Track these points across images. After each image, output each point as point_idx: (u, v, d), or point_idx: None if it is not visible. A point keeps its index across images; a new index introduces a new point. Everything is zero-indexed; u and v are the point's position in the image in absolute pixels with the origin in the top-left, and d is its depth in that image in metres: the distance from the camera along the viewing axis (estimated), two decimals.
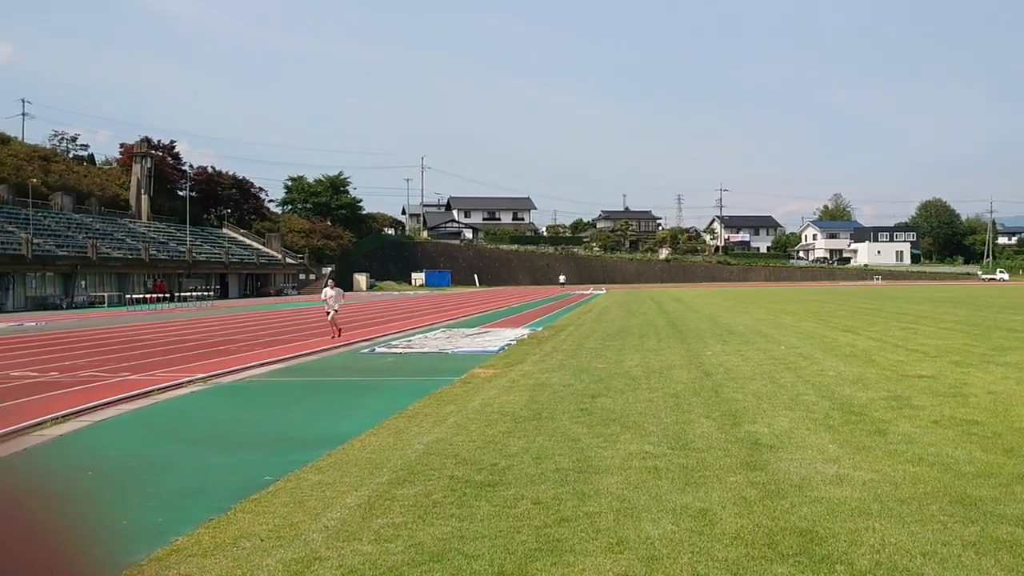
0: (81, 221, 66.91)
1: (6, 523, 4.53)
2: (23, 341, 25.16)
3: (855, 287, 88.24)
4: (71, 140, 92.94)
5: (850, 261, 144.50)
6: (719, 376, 13.91)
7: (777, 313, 34.30)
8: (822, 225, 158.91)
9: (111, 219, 72.61)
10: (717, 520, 5.92)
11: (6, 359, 19.31)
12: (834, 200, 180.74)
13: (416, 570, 5.01)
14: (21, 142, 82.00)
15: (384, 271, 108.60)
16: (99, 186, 78.90)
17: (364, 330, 28.52)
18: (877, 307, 38.59)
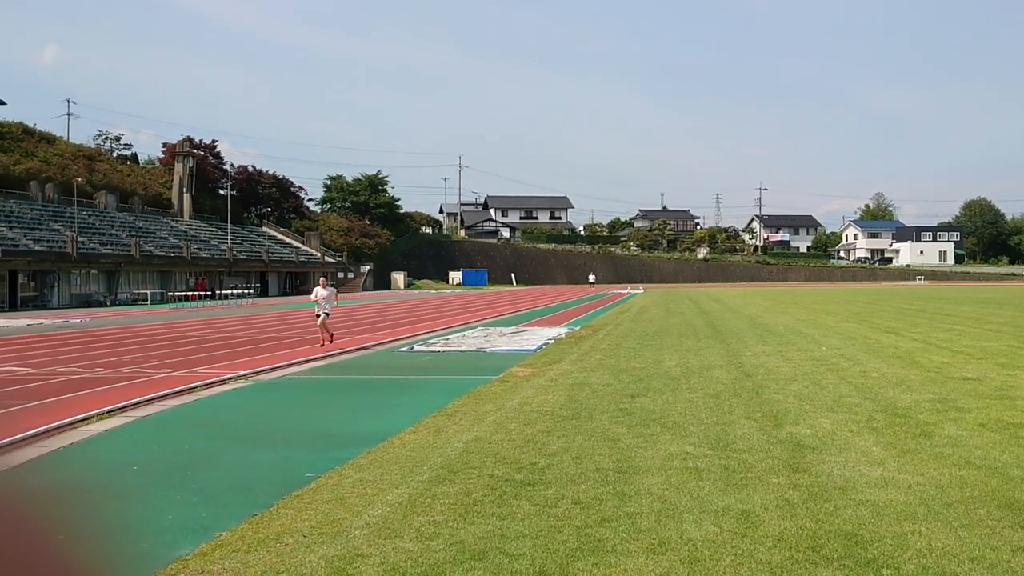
0: (125, 219, 67.95)
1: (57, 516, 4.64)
2: (68, 337, 25.59)
3: (897, 287, 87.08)
4: (115, 140, 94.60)
5: (892, 261, 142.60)
6: (760, 377, 13.80)
7: (818, 313, 33.94)
8: (863, 224, 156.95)
9: (154, 217, 73.65)
10: (760, 522, 5.87)
11: (52, 355, 19.65)
12: (876, 199, 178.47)
13: (458, 568, 5.02)
14: (67, 142, 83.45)
15: (422, 270, 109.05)
16: (142, 185, 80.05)
17: (401, 328, 28.66)
18: (920, 308, 38.06)
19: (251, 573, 5.00)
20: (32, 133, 76.52)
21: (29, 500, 7.05)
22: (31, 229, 54.81)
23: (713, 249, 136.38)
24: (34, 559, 5.57)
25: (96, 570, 5.31)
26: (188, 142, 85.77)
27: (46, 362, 17.93)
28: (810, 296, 57.03)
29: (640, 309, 39.98)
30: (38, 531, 6.12)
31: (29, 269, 51.13)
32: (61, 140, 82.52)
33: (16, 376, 15.48)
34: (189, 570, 5.10)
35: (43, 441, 9.39)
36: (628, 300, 53.24)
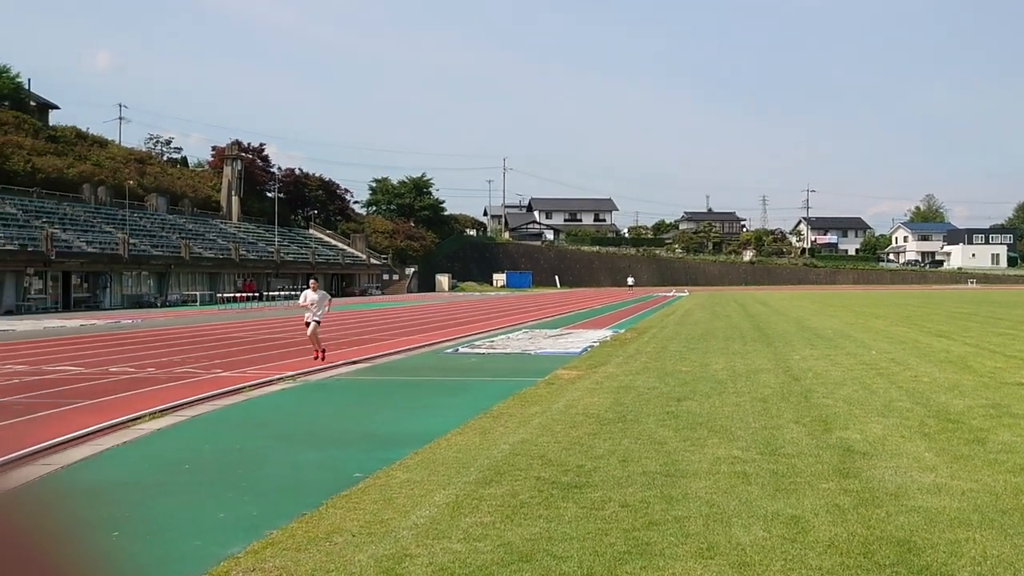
0: (175, 222, 69.05)
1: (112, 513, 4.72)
2: (120, 338, 26.07)
3: (948, 291, 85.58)
4: (165, 143, 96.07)
5: (943, 264, 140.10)
6: (808, 381, 13.64)
7: (867, 317, 33.48)
8: (913, 227, 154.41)
9: (203, 220, 74.75)
10: (810, 528, 5.81)
11: (105, 355, 20.03)
12: (926, 201, 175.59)
13: (505, 570, 5.04)
14: (118, 145, 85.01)
15: (466, 272, 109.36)
16: (192, 188, 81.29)
17: (446, 330, 28.77)
18: (972, 311, 37.36)
19: (301, 571, 5.05)
20: (85, 137, 78.07)
21: (84, 497, 7.20)
22: (84, 231, 55.90)
23: (759, 252, 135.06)
24: (90, 556, 5.68)
25: (150, 566, 5.41)
26: (237, 145, 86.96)
27: (99, 362, 18.28)
28: (859, 299, 56.26)
29: (685, 312, 39.73)
30: (94, 528, 6.24)
31: (82, 270, 52.16)
32: (113, 144, 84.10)
33: (70, 375, 15.81)
34: (241, 567, 5.17)
35: (97, 439, 9.58)
36: (673, 303, 52.94)
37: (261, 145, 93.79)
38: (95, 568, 5.82)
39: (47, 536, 5.88)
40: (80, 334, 28.08)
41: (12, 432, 10.01)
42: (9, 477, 7.79)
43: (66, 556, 5.97)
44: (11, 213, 52.68)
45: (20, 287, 47.33)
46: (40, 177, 61.51)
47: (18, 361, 18.45)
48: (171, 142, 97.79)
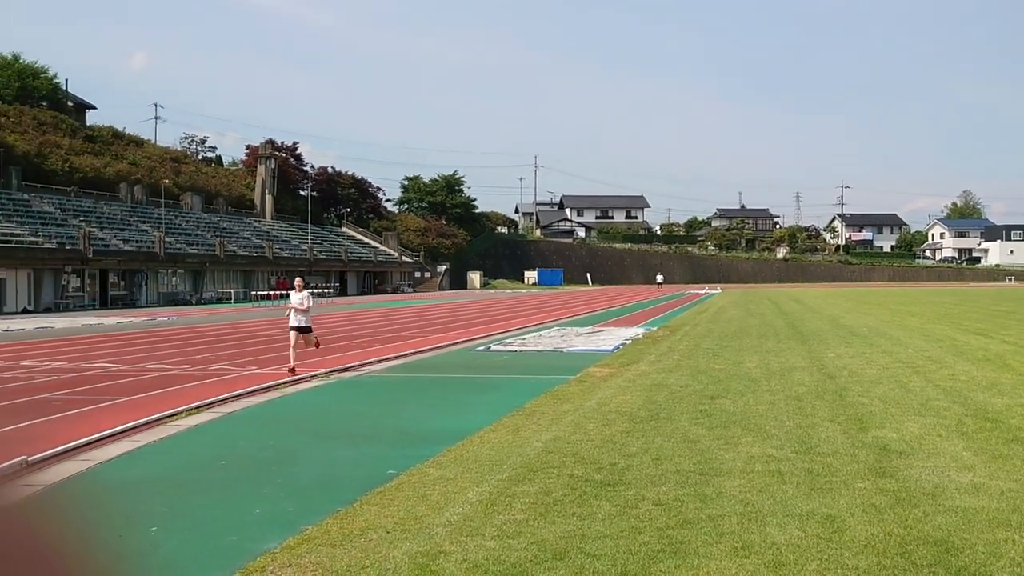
0: (209, 220, 69.75)
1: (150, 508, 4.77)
2: (157, 335, 26.38)
3: (986, 288, 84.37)
4: (200, 142, 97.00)
5: (980, 261, 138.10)
6: (843, 379, 13.52)
7: (903, 315, 33.10)
8: (950, 223, 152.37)
9: (237, 218, 75.44)
10: (846, 527, 5.76)
11: (142, 352, 20.28)
12: (963, 197, 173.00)
13: (539, 567, 5.04)
14: (154, 144, 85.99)
15: (497, 269, 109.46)
16: (226, 186, 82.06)
17: (478, 328, 28.82)
18: (1011, 309, 36.81)
19: (337, 567, 5.09)
20: (121, 136, 79.04)
21: (122, 493, 7.30)
22: (121, 230, 56.63)
23: (793, 249, 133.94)
24: (130, 550, 5.77)
25: (188, 561, 5.48)
26: (270, 144, 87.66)
27: (136, 359, 18.51)
28: (894, 296, 55.64)
29: (718, 310, 39.50)
30: (133, 523, 6.33)
31: (119, 268, 52.84)
32: (149, 143, 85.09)
33: (108, 372, 16.02)
34: (277, 563, 5.22)
35: (134, 436, 9.70)
36: (705, 300, 52.66)
37: (294, 144, 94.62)
38: (135, 562, 5.92)
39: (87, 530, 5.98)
40: (117, 331, 28.45)
41: (51, 428, 10.17)
42: (49, 472, 7.92)
43: (106, 550, 6.06)
44: (49, 212, 53.47)
45: (58, 285, 48.05)
46: (78, 176, 62.40)
47: (57, 358, 18.73)
48: (206, 141, 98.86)
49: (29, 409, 11.62)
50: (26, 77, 70.53)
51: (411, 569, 5.03)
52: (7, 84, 68.93)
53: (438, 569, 5.03)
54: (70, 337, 25.67)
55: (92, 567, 5.36)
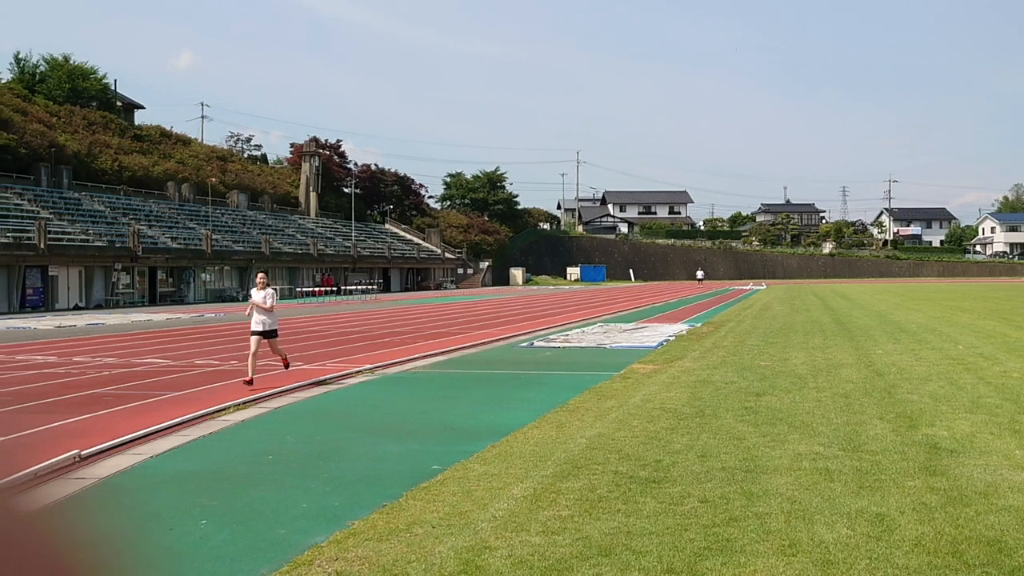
0: (255, 218, 70.57)
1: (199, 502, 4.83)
2: (205, 331, 26.75)
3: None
4: (246, 141, 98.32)
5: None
6: (892, 376, 13.32)
7: (953, 310, 32.52)
8: (1001, 217, 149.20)
9: (282, 216, 76.22)
10: (896, 526, 5.68)
11: (190, 348, 20.57)
12: (1015, 190, 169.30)
13: (584, 563, 5.04)
14: (201, 143, 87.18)
15: (539, 266, 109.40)
16: (271, 184, 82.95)
17: (521, 324, 28.83)
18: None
19: (383, 562, 5.13)
20: (169, 136, 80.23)
21: (173, 486, 7.42)
22: (169, 227, 57.49)
23: (839, 244, 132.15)
24: (181, 542, 5.86)
25: (238, 554, 5.55)
26: (314, 142, 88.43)
27: (184, 355, 18.79)
28: (944, 292, 54.68)
29: (763, 306, 39.12)
30: (183, 515, 6.43)
31: (167, 265, 53.66)
32: (196, 142, 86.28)
33: (158, 368, 16.28)
34: (324, 557, 5.27)
35: (184, 430, 9.85)
36: (750, 296, 52.19)
37: (338, 141, 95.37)
38: (186, 554, 6.01)
39: (139, 522, 6.09)
40: (166, 328, 28.89)
41: (103, 422, 10.36)
42: (101, 466, 8.07)
43: (157, 543, 6.16)
44: (100, 210, 54.44)
45: (109, 282, 48.91)
46: (127, 175, 63.46)
47: (108, 354, 19.07)
48: (251, 140, 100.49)
49: (82, 404, 11.85)
50: (76, 78, 71.84)
51: (456, 564, 5.05)
52: (58, 85, 70.28)
53: (483, 564, 5.05)
54: (121, 333, 26.12)
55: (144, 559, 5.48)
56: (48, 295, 44.67)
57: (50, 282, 45.01)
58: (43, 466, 7.67)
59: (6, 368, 16.35)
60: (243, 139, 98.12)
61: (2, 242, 41.97)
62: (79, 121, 66.32)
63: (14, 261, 42.45)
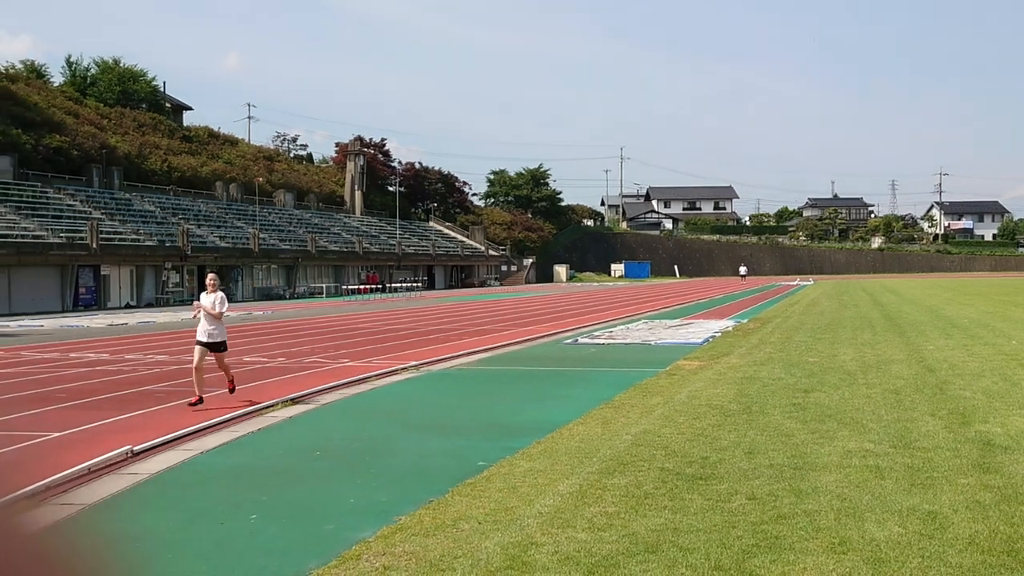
0: (301, 217, 71.25)
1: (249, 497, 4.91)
2: (252, 329, 27.08)
3: None
4: (292, 140, 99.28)
5: None
6: (943, 372, 13.09)
7: (1006, 305, 31.87)
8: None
9: (328, 214, 76.89)
10: (948, 524, 5.58)
11: (239, 345, 20.82)
12: None
13: (631, 560, 5.02)
14: (248, 143, 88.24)
15: (583, 262, 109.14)
16: (317, 183, 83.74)
17: (565, 321, 28.80)
18: None
19: (430, 557, 5.15)
20: (217, 136, 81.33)
21: (223, 481, 7.52)
22: (217, 227, 58.28)
23: (888, 238, 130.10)
24: (230, 536, 5.94)
25: (287, 548, 5.62)
26: (359, 141, 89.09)
27: (233, 352, 18.92)
28: (997, 287, 53.60)
29: (811, 301, 38.66)
30: (234, 510, 6.52)
31: (216, 264, 54.37)
32: (243, 142, 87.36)
33: (206, 364, 16.48)
34: (372, 551, 5.31)
35: (233, 426, 9.99)
36: (797, 292, 51.59)
37: (382, 140, 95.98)
38: (236, 548, 6.09)
39: (192, 516, 6.18)
40: None
41: (155, 419, 10.54)
42: (152, 461, 8.21)
43: (209, 537, 6.26)
44: (150, 210, 55.34)
45: (159, 280, 49.73)
46: (176, 176, 64.43)
47: (159, 351, 19.39)
48: (297, 139, 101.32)
49: (134, 400, 12.06)
50: (127, 81, 73.09)
51: (503, 560, 5.06)
52: (109, 88, 71.55)
53: (530, 560, 5.05)
54: (171, 331, 26.53)
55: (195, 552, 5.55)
56: (100, 294, 45.52)
57: (102, 281, 45.86)
58: (96, 461, 7.83)
59: (61, 366, 16.70)
60: (289, 139, 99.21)
61: (56, 242, 42.86)
62: (129, 123, 67.46)
63: (67, 260, 43.31)
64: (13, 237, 41.40)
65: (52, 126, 55.45)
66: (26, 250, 41.23)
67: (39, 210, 46.24)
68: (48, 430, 9.81)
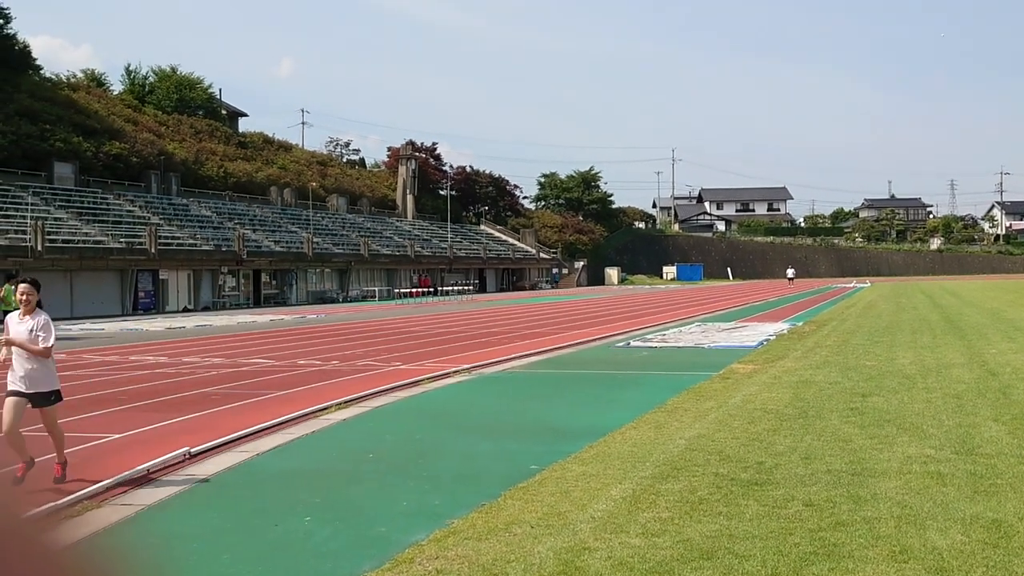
0: (354, 221, 71.92)
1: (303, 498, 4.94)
2: (306, 332, 27.38)
3: None
4: (344, 145, 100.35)
5: None
6: (1006, 376, 12.76)
7: None
8: None
9: (380, 218, 77.48)
10: (1014, 532, 5.43)
11: (293, 348, 21.07)
12: None
13: (686, 567, 4.96)
14: (301, 149, 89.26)
15: (635, 265, 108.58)
16: (369, 187, 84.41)
17: (617, 324, 28.66)
18: None
19: (483, 561, 5.14)
20: (271, 142, 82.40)
21: (278, 483, 7.59)
22: (272, 231, 59.06)
23: (948, 239, 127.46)
24: (285, 538, 5.99)
25: (341, 550, 5.65)
26: (410, 145, 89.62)
27: (288, 355, 19.25)
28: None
29: (868, 303, 38.01)
30: (288, 512, 6.58)
31: (271, 268, 55.14)
32: (296, 147, 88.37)
33: (262, 368, 16.72)
34: (425, 555, 5.31)
35: (288, 428, 10.08)
36: (854, 294, 50.77)
37: (433, 144, 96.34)
38: (290, 550, 6.13)
39: (247, 517, 6.24)
40: (270, 329, 29.67)
41: (212, 420, 10.69)
42: (209, 463, 8.32)
43: (263, 538, 6.31)
44: (207, 216, 56.28)
45: (215, 284, 50.53)
46: (232, 181, 65.42)
47: (215, 354, 19.69)
48: (349, 144, 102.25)
49: (191, 403, 12.25)
50: (184, 88, 74.40)
51: (556, 564, 5.03)
52: (167, 95, 72.90)
53: (583, 565, 5.01)
54: (227, 334, 26.94)
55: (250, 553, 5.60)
56: (159, 298, 46.39)
57: (160, 285, 46.73)
58: (155, 462, 7.95)
59: (120, 368, 17.03)
60: (341, 144, 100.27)
61: (116, 247, 43.79)
62: (186, 130, 68.67)
63: (127, 265, 44.21)
64: (75, 243, 42.38)
65: (112, 133, 56.66)
66: (87, 255, 42.17)
67: (100, 216, 47.28)
68: (109, 432, 10.01)
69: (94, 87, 67.17)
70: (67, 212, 45.63)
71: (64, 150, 50.92)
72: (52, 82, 61.03)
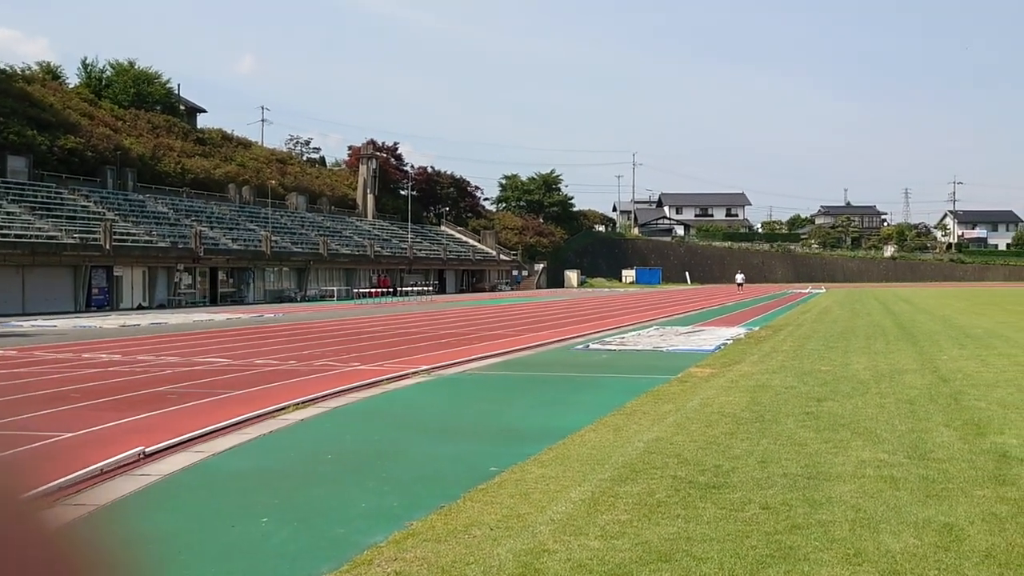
0: (313, 220, 71.44)
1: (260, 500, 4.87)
2: (263, 332, 27.13)
3: None
4: (305, 144, 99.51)
5: None
6: (958, 382, 13.00)
7: (1021, 315, 31.67)
8: None
9: (340, 218, 77.05)
10: (965, 536, 5.53)
11: (250, 348, 20.87)
12: None
13: (644, 569, 4.99)
14: (261, 146, 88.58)
15: (594, 268, 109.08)
16: (329, 186, 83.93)
17: (576, 326, 28.74)
18: None
19: (442, 563, 5.13)
20: (230, 139, 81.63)
21: (234, 484, 7.52)
22: (229, 229, 58.47)
23: (901, 247, 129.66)
24: (242, 539, 5.93)
25: (298, 552, 5.60)
26: (372, 145, 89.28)
27: (245, 354, 19.06)
28: (1011, 297, 53.30)
29: (823, 309, 38.52)
30: (245, 513, 6.51)
31: (228, 266, 54.58)
32: (256, 145, 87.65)
33: (219, 366, 16.54)
34: (383, 557, 5.29)
35: (244, 429, 9.98)
36: (809, 300, 51.43)
37: (395, 144, 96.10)
38: (247, 551, 6.07)
39: (204, 518, 6.17)
40: (226, 327, 29.36)
41: (166, 420, 10.55)
42: (164, 463, 8.21)
43: (220, 539, 6.23)
44: (163, 212, 55.56)
45: (171, 282, 49.90)
46: (189, 178, 64.70)
47: (171, 353, 19.44)
48: (310, 143, 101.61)
49: (146, 401, 12.08)
50: (141, 83, 73.45)
51: (515, 567, 5.03)
52: (124, 90, 71.92)
53: (542, 567, 5.02)
54: (183, 332, 26.62)
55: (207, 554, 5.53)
56: (113, 295, 45.70)
57: (115, 282, 46.04)
58: (109, 462, 7.83)
59: (73, 366, 16.75)
60: (302, 142, 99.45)
61: (69, 243, 43.06)
62: (144, 125, 67.78)
63: (81, 261, 43.51)
64: (28, 237, 41.63)
65: (67, 127, 55.77)
66: (40, 251, 41.46)
67: (53, 211, 46.49)
68: (61, 430, 9.83)
69: (49, 80, 66.06)
70: (20, 207, 44.78)
71: (18, 143, 50.03)
72: (6, 74, 59.95)
